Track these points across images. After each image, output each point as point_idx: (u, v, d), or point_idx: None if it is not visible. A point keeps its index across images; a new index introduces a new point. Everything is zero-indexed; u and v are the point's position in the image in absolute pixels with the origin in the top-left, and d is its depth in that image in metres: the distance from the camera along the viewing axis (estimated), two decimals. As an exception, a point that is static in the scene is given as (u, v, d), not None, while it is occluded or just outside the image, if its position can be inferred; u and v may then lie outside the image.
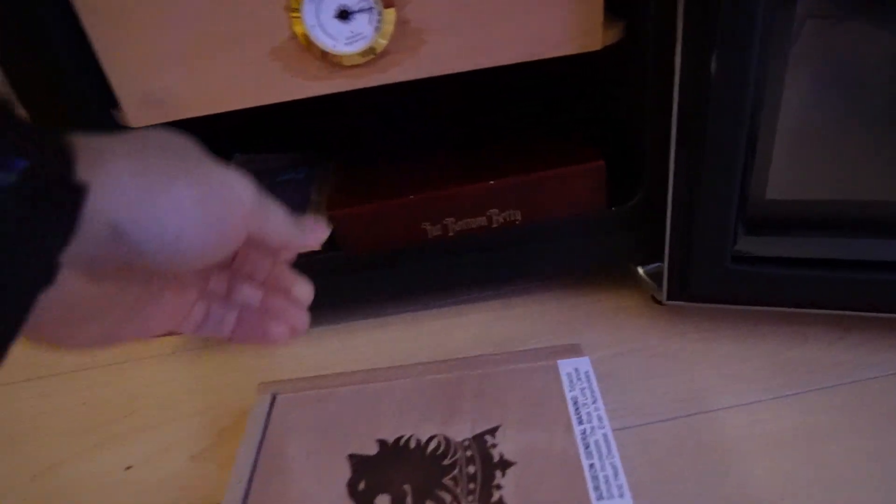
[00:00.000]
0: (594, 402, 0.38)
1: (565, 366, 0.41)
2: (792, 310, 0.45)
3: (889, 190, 0.41)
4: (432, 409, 0.40)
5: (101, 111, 0.43)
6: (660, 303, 0.50)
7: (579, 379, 0.40)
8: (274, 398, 0.42)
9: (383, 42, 0.39)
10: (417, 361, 0.43)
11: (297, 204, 0.54)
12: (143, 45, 0.39)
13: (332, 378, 0.43)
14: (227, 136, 0.66)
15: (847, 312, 0.44)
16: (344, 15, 0.38)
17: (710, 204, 0.41)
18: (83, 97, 0.41)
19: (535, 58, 0.41)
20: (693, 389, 0.44)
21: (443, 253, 0.49)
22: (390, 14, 0.38)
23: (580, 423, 0.37)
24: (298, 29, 0.39)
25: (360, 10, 0.38)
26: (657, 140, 0.43)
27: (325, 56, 0.40)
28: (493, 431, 0.38)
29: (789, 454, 0.39)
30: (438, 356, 0.45)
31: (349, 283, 0.50)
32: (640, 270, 0.51)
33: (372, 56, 0.40)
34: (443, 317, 0.53)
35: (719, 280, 0.44)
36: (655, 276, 0.50)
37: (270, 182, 0.56)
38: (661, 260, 0.49)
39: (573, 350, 0.42)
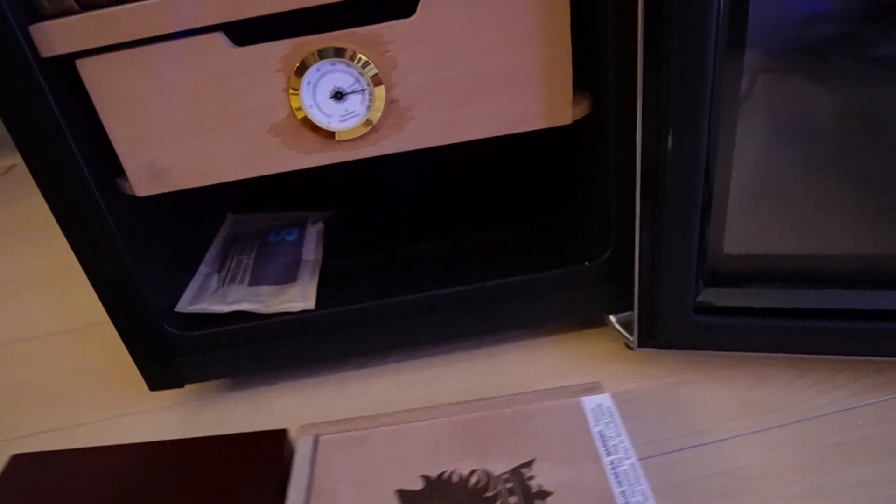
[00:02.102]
0: (619, 435, 0.42)
1: (589, 402, 0.45)
2: (752, 354, 0.49)
3: (838, 242, 0.45)
4: (470, 445, 0.43)
5: (108, 181, 0.46)
6: (631, 349, 0.54)
7: (603, 414, 0.44)
8: (317, 440, 0.44)
9: (374, 119, 0.43)
10: (430, 405, 0.46)
11: (288, 266, 0.56)
12: (149, 122, 0.43)
13: (371, 419, 0.46)
14: (220, 197, 0.69)
15: (802, 356, 0.48)
16: (339, 96, 0.43)
17: (671, 259, 0.45)
18: (91, 167, 0.44)
19: (512, 131, 0.46)
20: (666, 429, 0.47)
21: (426, 310, 0.52)
22: (380, 93, 0.43)
23: (608, 454, 0.41)
24: (296, 108, 0.43)
25: (353, 92, 0.42)
26: (622, 201, 0.48)
27: (320, 132, 0.44)
28: (528, 464, 0.41)
29: (754, 490, 0.42)
30: (428, 404, 0.48)
31: (334, 338, 0.53)
32: (613, 319, 0.54)
33: (364, 131, 0.44)
34: (430, 366, 0.56)
35: (683, 329, 0.48)
36: (627, 325, 0.54)
37: (262, 243, 0.59)
38: (632, 308, 0.53)
39: (594, 388, 0.46)
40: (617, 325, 0.54)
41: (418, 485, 0.40)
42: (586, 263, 0.52)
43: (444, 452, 0.42)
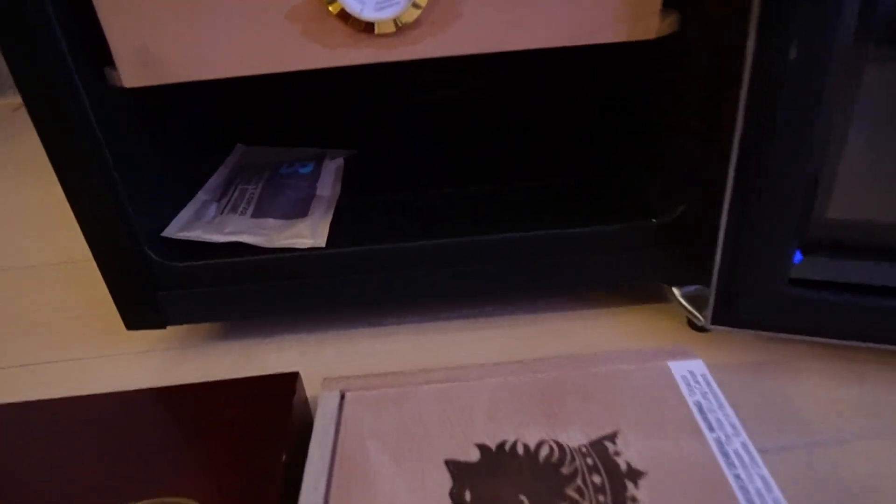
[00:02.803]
0: (721, 407, 0.34)
1: (678, 368, 0.37)
2: (846, 343, 0.40)
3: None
4: (533, 411, 0.35)
5: (94, 69, 0.38)
6: (699, 328, 0.45)
7: (697, 383, 0.36)
8: (343, 395, 0.37)
9: (416, 11, 0.35)
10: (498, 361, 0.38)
11: (300, 200, 0.48)
12: (146, -4, 0.35)
13: (409, 376, 0.38)
14: (231, 126, 0.62)
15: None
16: (376, -26, 0.34)
17: (771, 216, 0.37)
18: (74, 51, 0.37)
19: (580, 42, 0.37)
20: (752, 425, 0.38)
21: (455, 258, 0.44)
22: (426, -20, 0.34)
23: (710, 429, 0.33)
24: (324, -14, 0.35)
25: (395, -29, 0.34)
26: (706, 146, 0.39)
27: (350, 21, 0.35)
28: (612, 437, 0.33)
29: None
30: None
31: (346, 283, 0.44)
32: (677, 292, 0.46)
33: (402, 25, 0.36)
34: (458, 330, 0.48)
35: (774, 304, 0.39)
36: (694, 300, 0.45)
37: (273, 174, 0.51)
38: (701, 281, 0.45)
39: (683, 352, 0.38)
40: (682, 300, 0.45)
41: (473, 455, 0.33)
42: (652, 220, 0.43)
43: (501, 418, 0.34)
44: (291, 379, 0.38)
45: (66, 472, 0.34)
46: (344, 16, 0.35)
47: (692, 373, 0.36)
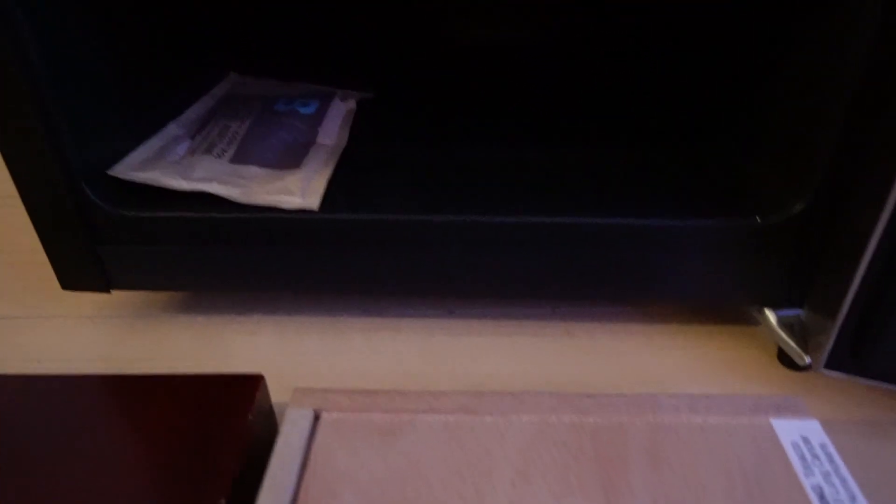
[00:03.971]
0: (852, 499, 0.23)
1: (786, 429, 0.26)
2: None
3: None
4: (581, 473, 0.24)
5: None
6: (794, 367, 0.35)
7: (816, 457, 0.25)
8: (317, 416, 0.27)
9: None
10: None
11: (294, 145, 0.38)
12: None
13: (410, 398, 0.28)
14: (223, 50, 0.51)
15: None
16: None
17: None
18: None
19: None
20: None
21: (483, 241, 0.33)
22: None
23: None
24: None
25: None
26: (849, 125, 0.28)
27: None
28: None
29: None
30: (468, 387, 0.29)
31: (339, 260, 0.34)
32: (772, 317, 0.35)
33: None
34: (474, 332, 0.38)
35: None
36: (790, 328, 0.34)
37: (265, 110, 0.41)
38: (801, 305, 0.34)
39: (793, 407, 0.27)
40: (779, 329, 0.34)
41: None
42: (757, 219, 0.32)
43: (534, 478, 0.24)
44: (251, 384, 0.28)
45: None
46: None
47: (807, 440, 0.26)
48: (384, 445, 0.26)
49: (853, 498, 0.24)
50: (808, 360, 0.32)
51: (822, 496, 0.24)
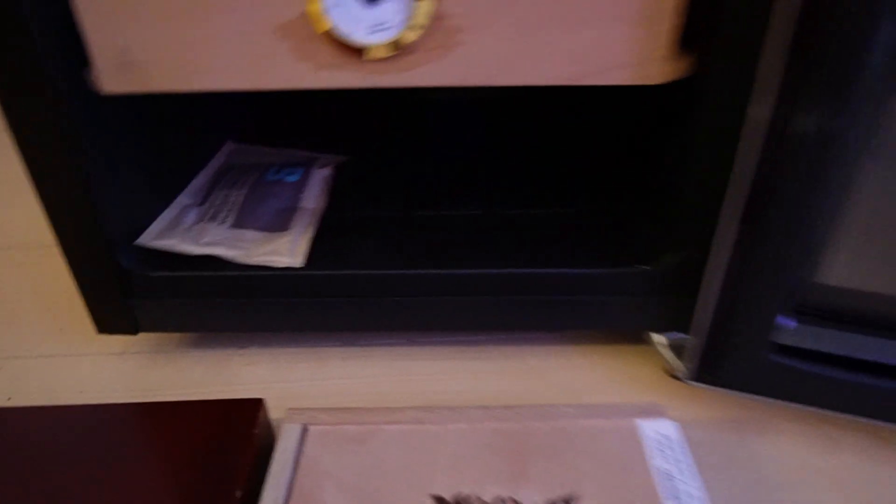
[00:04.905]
0: (692, 478, 0.33)
1: (649, 428, 0.36)
2: (824, 411, 0.39)
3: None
4: (498, 464, 0.34)
5: (72, 70, 0.36)
6: (677, 378, 0.44)
7: (670, 448, 0.35)
8: (305, 429, 0.36)
9: (412, 36, 0.33)
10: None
11: (283, 211, 0.47)
12: (129, -4, 0.33)
13: (376, 413, 0.37)
14: (220, 121, 0.60)
15: (889, 425, 0.38)
16: (371, -2, 0.32)
17: (762, 280, 0.35)
18: (51, 49, 0.35)
19: (586, 82, 0.36)
20: (720, 488, 0.37)
21: (438, 290, 0.43)
22: (427, 5, 0.33)
23: (676, 500, 0.32)
24: (313, 7, 0.33)
25: (391, -4, 0.32)
26: (710, 199, 0.38)
27: (340, 43, 0.34)
28: (568, 501, 0.32)
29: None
30: (428, 402, 0.39)
31: (321, 307, 0.43)
32: (662, 340, 0.44)
33: (396, 51, 0.34)
34: (430, 357, 0.47)
35: (757, 369, 0.38)
36: (676, 349, 0.44)
37: (258, 180, 0.50)
38: (683, 330, 0.43)
39: (654, 410, 0.37)
40: (662, 349, 0.44)
41: None
42: (644, 267, 0.42)
43: (464, 470, 0.33)
44: (255, 406, 0.37)
45: (9, 491, 0.33)
46: (334, 38, 0.34)
47: (665, 435, 0.35)
48: (357, 449, 0.35)
49: (693, 476, 0.33)
50: (682, 373, 0.42)
51: (668, 476, 0.33)
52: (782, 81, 0.31)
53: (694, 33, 0.35)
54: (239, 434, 0.36)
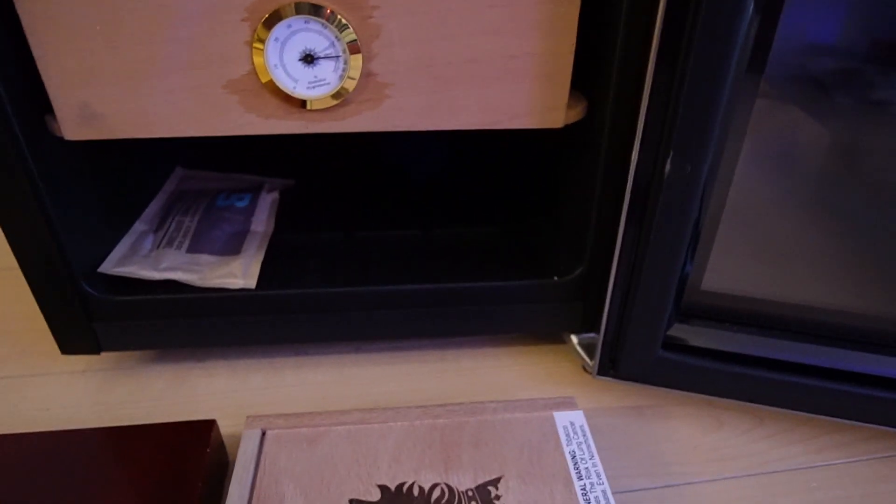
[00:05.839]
0: (591, 457, 0.40)
1: (561, 418, 0.42)
2: (710, 397, 0.47)
3: (821, 295, 0.43)
4: (432, 454, 0.40)
5: (35, 115, 0.40)
6: (590, 373, 0.51)
7: (575, 433, 0.41)
8: (264, 434, 0.41)
9: (346, 90, 0.39)
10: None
11: (235, 235, 0.51)
12: (88, 55, 0.37)
13: (325, 416, 0.42)
14: (171, 149, 0.63)
15: (766, 407, 0.46)
16: (309, 59, 0.37)
17: (649, 288, 0.42)
18: (12, 96, 0.38)
19: (496, 127, 0.42)
20: (617, 464, 0.44)
21: (378, 304, 0.48)
22: (357, 62, 0.38)
23: (580, 478, 0.38)
24: (259, 66, 0.37)
25: (326, 57, 0.37)
26: (604, 219, 0.44)
27: (284, 97, 0.39)
28: (495, 482, 0.38)
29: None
30: (372, 405, 0.44)
31: (273, 323, 0.48)
32: (575, 340, 0.51)
33: (333, 103, 0.39)
34: (374, 363, 0.52)
35: (648, 363, 0.45)
36: (588, 347, 0.51)
37: (209, 206, 0.54)
38: (596, 331, 0.50)
39: (567, 403, 0.43)
40: (578, 348, 0.51)
41: (374, 495, 0.37)
42: (555, 278, 0.48)
43: (403, 461, 0.39)
44: (207, 427, 0.41)
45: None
46: (277, 91, 0.38)
47: (572, 424, 0.42)
48: (309, 449, 0.40)
49: (592, 456, 0.40)
50: (590, 368, 0.49)
51: (574, 457, 0.40)
52: (656, 131, 0.38)
53: (583, 84, 0.42)
54: (193, 454, 0.40)
